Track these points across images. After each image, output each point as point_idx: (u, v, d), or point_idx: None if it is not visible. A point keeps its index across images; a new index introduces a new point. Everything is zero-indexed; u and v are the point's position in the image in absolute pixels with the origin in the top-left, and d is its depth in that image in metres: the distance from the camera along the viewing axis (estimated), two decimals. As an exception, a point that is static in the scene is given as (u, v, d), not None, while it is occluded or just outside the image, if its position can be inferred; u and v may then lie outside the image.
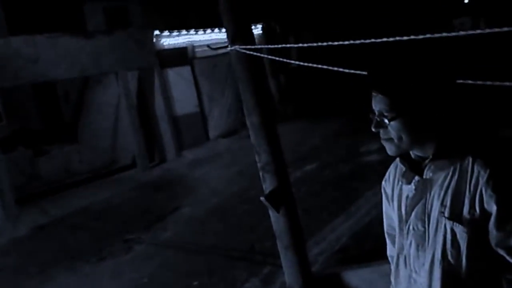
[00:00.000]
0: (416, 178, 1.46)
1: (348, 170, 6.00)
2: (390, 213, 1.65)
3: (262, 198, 3.13)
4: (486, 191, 1.33)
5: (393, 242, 1.66)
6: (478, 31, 2.10)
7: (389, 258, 1.72)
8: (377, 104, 1.41)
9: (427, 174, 1.43)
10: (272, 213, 3.26)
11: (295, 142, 7.66)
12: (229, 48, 2.99)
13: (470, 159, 1.37)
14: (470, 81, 1.99)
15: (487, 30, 1.97)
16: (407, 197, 1.50)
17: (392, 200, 1.59)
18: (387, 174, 1.64)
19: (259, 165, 3.15)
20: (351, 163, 6.25)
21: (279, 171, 3.11)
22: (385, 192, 1.65)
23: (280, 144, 3.12)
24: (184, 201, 6.80)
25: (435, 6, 15.72)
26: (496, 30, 1.94)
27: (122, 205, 7.16)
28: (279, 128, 3.14)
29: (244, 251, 4.73)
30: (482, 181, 1.33)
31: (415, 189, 1.47)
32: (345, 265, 3.60)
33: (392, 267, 1.62)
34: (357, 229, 4.21)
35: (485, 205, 1.34)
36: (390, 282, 1.74)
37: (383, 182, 1.66)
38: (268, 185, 3.16)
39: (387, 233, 1.72)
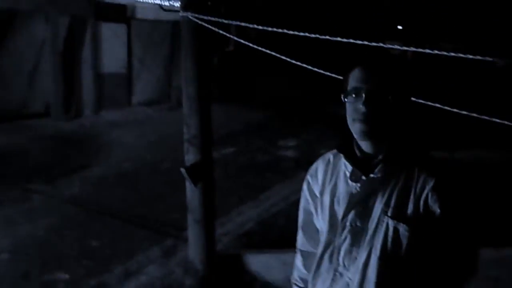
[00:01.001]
0: (363, 177, 1.50)
1: (264, 160, 6.16)
2: (310, 209, 1.68)
3: (182, 169, 3.16)
4: (432, 196, 1.43)
5: (310, 238, 1.71)
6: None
7: (298, 251, 1.77)
8: (365, 82, 1.44)
9: (376, 173, 1.48)
10: (189, 186, 3.29)
11: (216, 124, 7.70)
12: (180, 14, 2.97)
13: (417, 168, 1.46)
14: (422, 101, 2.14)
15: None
16: (347, 194, 1.53)
17: (322, 196, 1.61)
18: (312, 169, 1.67)
19: (186, 136, 3.17)
20: (268, 155, 6.42)
21: (205, 146, 3.16)
22: (311, 190, 1.67)
23: (210, 120, 3.16)
24: (95, 160, 6.62)
25: (369, 30, 16.32)
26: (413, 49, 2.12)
27: (28, 153, 6.83)
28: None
29: (149, 220, 4.72)
30: (428, 187, 1.43)
31: (361, 188, 1.51)
32: (247, 249, 3.72)
33: (315, 261, 1.62)
34: (264, 217, 4.35)
35: (430, 208, 1.43)
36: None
37: (308, 177, 1.68)
38: (190, 158, 3.20)
39: (302, 228, 1.74)
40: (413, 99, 1.60)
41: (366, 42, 2.44)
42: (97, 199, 5.29)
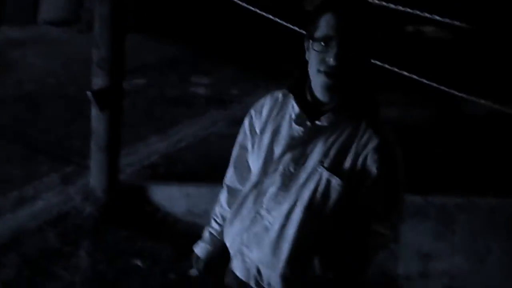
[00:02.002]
0: (307, 122, 1.46)
1: (175, 95, 6.03)
2: (246, 145, 1.65)
3: (88, 93, 3.02)
4: (372, 155, 1.42)
5: (239, 175, 1.70)
6: None
7: (225, 186, 1.75)
8: (338, 31, 1.35)
9: (322, 121, 1.44)
10: (94, 111, 3.18)
11: (129, 54, 7.38)
12: None
13: (364, 124, 1.44)
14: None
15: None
16: (289, 137, 1.49)
17: (262, 134, 1.57)
18: (258, 105, 1.62)
19: (95, 59, 3.02)
20: (180, 90, 6.29)
21: (115, 70, 3.03)
22: (252, 125, 1.62)
23: (124, 43, 3.02)
24: (-8, 80, 6.11)
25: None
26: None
27: None
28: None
29: (49, 146, 4.50)
30: (371, 146, 1.42)
31: (303, 133, 1.47)
32: (151, 180, 3.69)
33: (238, 199, 1.62)
34: (170, 151, 4.30)
35: (367, 166, 1.43)
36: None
37: (251, 112, 1.63)
38: (98, 82, 3.07)
39: (234, 164, 1.72)
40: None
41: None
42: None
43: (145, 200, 3.48)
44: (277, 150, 1.51)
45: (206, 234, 1.80)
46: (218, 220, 1.77)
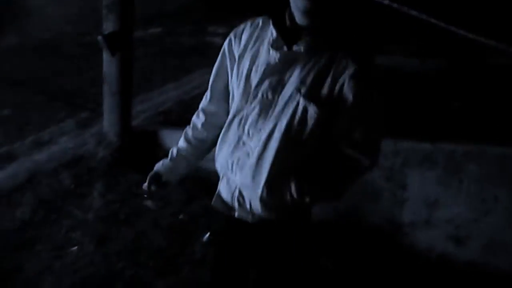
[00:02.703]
0: (285, 48, 1.47)
1: (191, 44, 6.03)
2: (225, 70, 1.66)
3: (99, 38, 3.04)
4: (349, 82, 1.43)
5: (216, 99, 1.73)
6: None
7: (201, 110, 1.79)
8: None
9: (299, 47, 1.45)
10: (106, 55, 3.20)
11: (144, 2, 7.36)
12: None
13: (342, 51, 1.44)
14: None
15: None
16: (266, 63, 1.50)
17: (241, 60, 1.58)
18: (238, 30, 1.62)
19: (105, 2, 3.01)
20: (196, 38, 6.27)
21: (125, 13, 3.02)
22: (231, 50, 1.62)
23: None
24: (10, 29, 6.16)
25: None
26: None
27: None
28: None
29: (65, 93, 4.58)
30: (348, 73, 1.43)
31: (280, 59, 1.48)
32: (163, 125, 3.74)
33: (225, 127, 1.65)
34: (184, 98, 4.34)
35: (344, 94, 1.45)
36: None
37: (231, 36, 1.63)
38: (109, 26, 3.07)
39: (211, 88, 1.74)
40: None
41: None
42: (10, 69, 5.01)
43: (157, 145, 3.54)
44: (256, 77, 1.53)
45: (172, 152, 1.84)
46: (188, 139, 1.80)
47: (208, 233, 2.80)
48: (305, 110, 1.48)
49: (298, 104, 1.48)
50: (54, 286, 2.49)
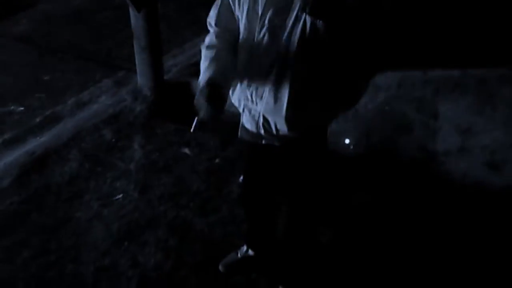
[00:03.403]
0: None
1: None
2: (229, 6, 1.70)
3: (124, -5, 3.11)
4: None
5: (225, 17, 1.74)
6: None
7: (212, 26, 1.78)
8: None
9: None
10: (132, 12, 3.27)
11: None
12: None
13: None
14: None
15: None
16: None
17: None
18: None
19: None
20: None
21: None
22: None
23: None
24: (40, -1, 6.31)
25: None
26: None
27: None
28: None
29: (101, 55, 4.72)
30: None
31: None
32: (196, 76, 3.81)
33: (241, 57, 1.71)
34: (215, 49, 4.39)
35: (347, 11, 1.51)
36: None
37: None
38: (132, -18, 3.13)
39: (218, 26, 1.77)
40: None
41: None
42: (46, 36, 5.17)
43: (190, 95, 3.61)
44: (260, 6, 1.60)
45: (207, 57, 1.75)
46: (213, 44, 1.74)
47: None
48: (313, 27, 1.53)
49: (305, 22, 1.54)
50: (103, 231, 2.68)
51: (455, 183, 3.04)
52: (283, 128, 1.74)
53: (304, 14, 1.53)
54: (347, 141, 3.28)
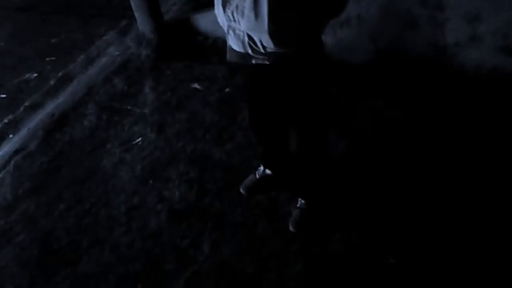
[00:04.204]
0: None
1: None
2: None
3: None
4: None
5: None
6: None
7: None
8: None
9: None
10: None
11: None
12: None
13: None
14: None
15: None
16: None
17: None
18: None
19: None
20: None
21: None
22: None
23: None
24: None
25: None
26: None
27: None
28: None
29: (101, 9, 4.71)
30: None
31: None
32: (195, 11, 3.79)
33: None
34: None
35: None
36: None
37: None
38: None
39: None
40: None
41: None
42: (45, 1, 5.18)
43: (193, 30, 3.62)
44: None
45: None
46: None
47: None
48: None
49: None
50: (128, 174, 2.79)
51: (469, 75, 2.98)
52: (269, 44, 1.69)
53: None
54: (360, 51, 3.21)
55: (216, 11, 1.80)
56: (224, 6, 1.71)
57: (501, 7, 2.85)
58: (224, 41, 3.53)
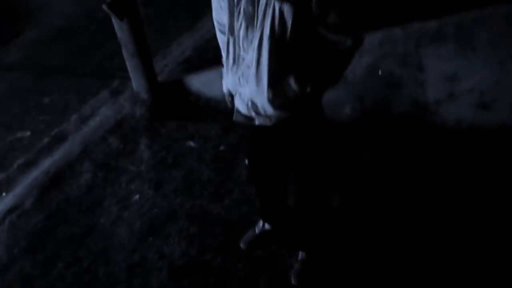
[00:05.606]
0: None
1: (196, -9, 6.11)
2: (219, 1, 1.85)
3: (104, 6, 3.23)
4: None
5: (220, 31, 1.95)
6: None
7: (215, 20, 1.98)
8: None
9: None
10: (115, 22, 3.40)
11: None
12: None
13: None
14: None
15: None
16: None
17: None
18: None
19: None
20: (199, -15, 6.33)
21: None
22: None
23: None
24: (27, 25, 6.43)
25: None
26: None
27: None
28: None
29: (93, 69, 4.85)
30: None
31: None
32: (187, 72, 3.95)
33: (223, 50, 1.89)
34: (200, 43, 4.50)
35: None
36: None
37: None
38: (111, -7, 3.25)
39: (216, 20, 1.96)
40: None
41: None
42: (38, 60, 5.30)
43: (185, 91, 3.77)
44: None
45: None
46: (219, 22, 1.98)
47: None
48: (281, 12, 1.65)
49: (274, 8, 1.65)
50: (127, 232, 2.84)
51: (450, 130, 3.16)
52: (269, 109, 1.84)
53: (273, 0, 1.64)
54: (347, 110, 3.39)
55: (224, 76, 1.95)
56: (235, 70, 1.86)
57: (475, 66, 3.08)
58: (215, 102, 3.75)
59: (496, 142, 3.00)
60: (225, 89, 2.07)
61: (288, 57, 1.74)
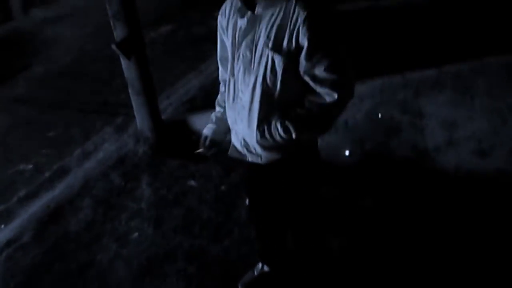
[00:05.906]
0: (249, 13, 1.74)
1: (201, 33, 6.24)
2: (224, 43, 1.95)
3: (113, 46, 3.32)
4: (302, 28, 1.65)
5: (225, 68, 2.01)
6: None
7: (221, 81, 2.09)
8: None
9: (258, 10, 1.71)
10: (123, 61, 3.48)
11: (153, 3, 7.64)
12: None
13: (294, 1, 1.67)
14: None
15: None
16: (240, 28, 1.77)
17: (227, 30, 1.86)
18: (222, 8, 1.91)
19: (110, 13, 3.28)
20: (205, 26, 6.47)
21: (130, 19, 3.28)
22: (221, 24, 1.92)
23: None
24: (35, 59, 6.55)
25: None
26: None
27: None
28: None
29: (98, 105, 4.92)
30: (300, 20, 1.65)
31: (247, 23, 1.75)
32: (191, 112, 4.02)
33: (225, 88, 1.97)
34: (205, 83, 4.60)
35: (300, 40, 1.67)
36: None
37: (218, 16, 1.93)
38: (119, 34, 3.34)
39: (220, 60, 2.04)
40: None
41: None
42: (45, 94, 5.39)
43: (189, 131, 3.83)
44: (236, 41, 1.82)
45: (212, 118, 2.16)
46: (220, 104, 2.13)
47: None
48: (273, 61, 1.73)
49: (268, 57, 1.73)
50: (124, 270, 2.83)
51: (449, 176, 3.20)
52: (258, 149, 1.91)
53: (267, 49, 1.72)
54: (347, 152, 3.44)
55: (227, 111, 2.03)
56: (233, 108, 1.93)
57: (473, 115, 3.16)
58: (217, 141, 3.79)
59: (495, 188, 3.04)
60: (205, 132, 2.15)
61: (277, 104, 1.81)
